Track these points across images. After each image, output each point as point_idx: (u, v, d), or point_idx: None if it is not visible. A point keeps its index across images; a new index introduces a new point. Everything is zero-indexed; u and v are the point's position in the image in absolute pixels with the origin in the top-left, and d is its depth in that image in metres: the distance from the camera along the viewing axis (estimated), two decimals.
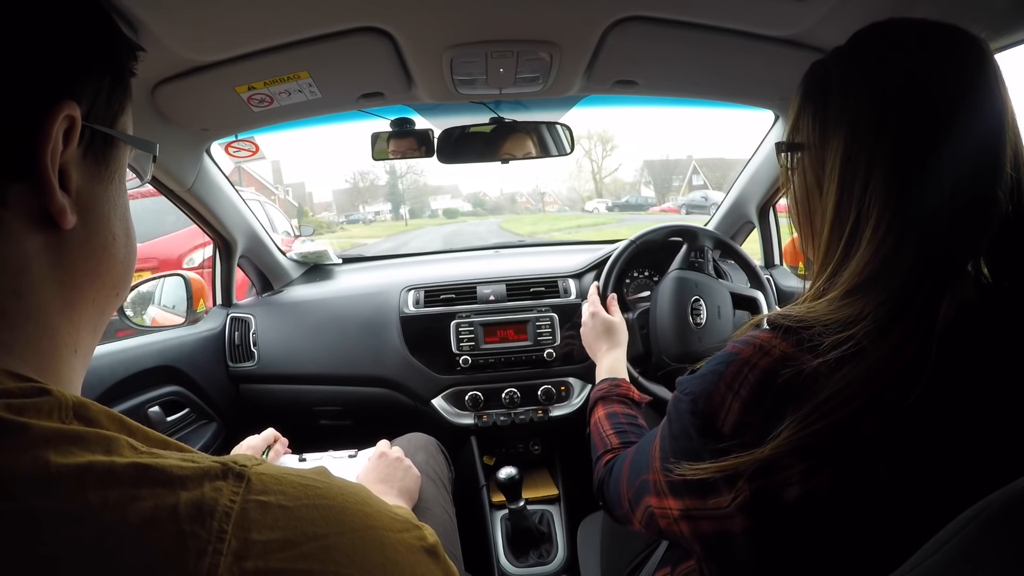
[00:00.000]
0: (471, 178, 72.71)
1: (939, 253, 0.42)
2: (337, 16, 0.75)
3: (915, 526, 0.37)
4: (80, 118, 0.30)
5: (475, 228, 24.30)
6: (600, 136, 43.83)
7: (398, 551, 0.29)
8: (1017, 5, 0.68)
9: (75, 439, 0.25)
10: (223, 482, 0.26)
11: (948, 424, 0.41)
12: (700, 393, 0.46)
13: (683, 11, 0.79)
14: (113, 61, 0.34)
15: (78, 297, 0.33)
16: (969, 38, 0.44)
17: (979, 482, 0.35)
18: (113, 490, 0.24)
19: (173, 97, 0.90)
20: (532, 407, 1.32)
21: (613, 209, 29.97)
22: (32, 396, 0.26)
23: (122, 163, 0.36)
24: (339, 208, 48.59)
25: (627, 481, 0.60)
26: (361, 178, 45.00)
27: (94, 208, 0.33)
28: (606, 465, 0.70)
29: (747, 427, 0.43)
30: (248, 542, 0.24)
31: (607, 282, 1.18)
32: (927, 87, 0.43)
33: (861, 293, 0.43)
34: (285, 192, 38.19)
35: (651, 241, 1.23)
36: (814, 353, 0.41)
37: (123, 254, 0.36)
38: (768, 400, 0.42)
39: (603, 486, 0.69)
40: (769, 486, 0.42)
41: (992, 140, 0.43)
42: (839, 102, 0.47)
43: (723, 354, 0.47)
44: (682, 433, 0.48)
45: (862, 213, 0.45)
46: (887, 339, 0.40)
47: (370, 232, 27.81)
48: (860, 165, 0.45)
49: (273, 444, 0.91)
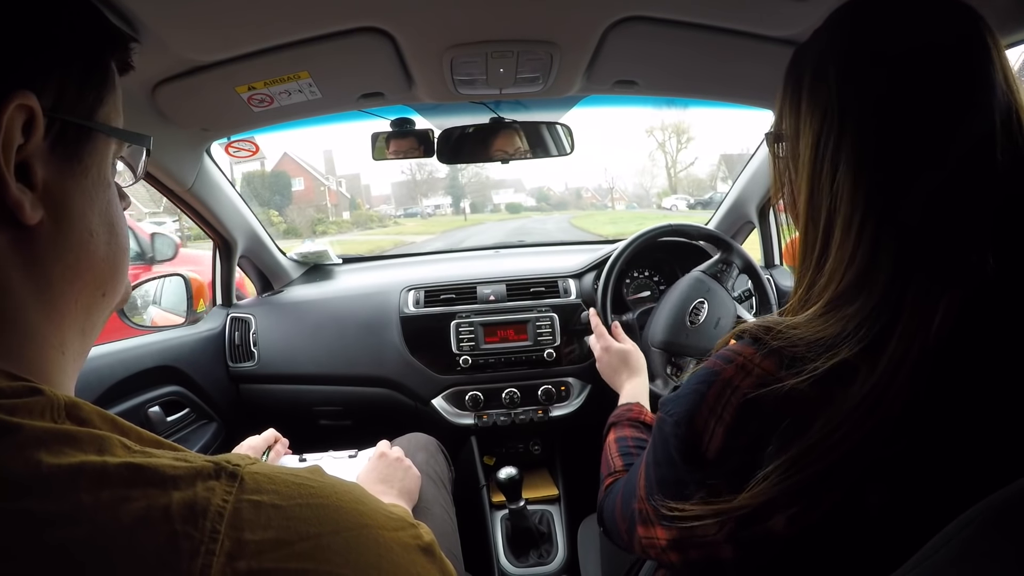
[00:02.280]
0: (535, 172, 69.90)
1: (925, 253, 0.38)
2: (337, 16, 0.75)
3: (912, 533, 0.35)
4: (41, 110, 0.29)
5: (542, 225, 21.80)
6: (675, 127, 39.49)
7: (393, 550, 0.29)
8: (1017, 5, 0.68)
9: (67, 439, 0.25)
10: (216, 482, 0.26)
11: (947, 436, 0.37)
12: (683, 415, 0.44)
13: (683, 11, 0.79)
14: (83, 50, 0.33)
15: (58, 297, 0.32)
16: (957, 10, 0.40)
17: (979, 485, 0.34)
18: (105, 490, 0.24)
19: (173, 97, 0.90)
20: (532, 407, 1.32)
21: (695, 207, 25.54)
22: (24, 396, 0.26)
23: (101, 157, 0.34)
24: (397, 201, 47.37)
25: (621, 508, 0.58)
26: (419, 170, 43.09)
27: (65, 203, 0.31)
28: (607, 488, 0.68)
29: (731, 452, 0.41)
30: (241, 542, 0.24)
31: (607, 282, 1.18)
32: (897, 66, 0.39)
33: (842, 305, 0.40)
34: (338, 183, 37.46)
35: (650, 241, 1.23)
36: (798, 376, 0.38)
37: (105, 251, 0.34)
38: (752, 425, 0.40)
39: (602, 511, 0.67)
40: (756, 520, 0.40)
41: (977, 125, 0.38)
42: (810, 86, 0.44)
43: (704, 372, 0.44)
44: (666, 460, 0.46)
45: (833, 209, 0.42)
46: (879, 359, 0.37)
47: (425, 228, 26.04)
48: (827, 154, 0.42)
49: (274, 445, 0.91)
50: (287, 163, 33.47)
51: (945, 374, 0.37)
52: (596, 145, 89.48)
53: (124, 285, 0.37)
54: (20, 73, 0.29)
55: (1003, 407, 0.37)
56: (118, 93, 0.36)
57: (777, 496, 0.38)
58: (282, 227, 23.35)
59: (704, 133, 57.14)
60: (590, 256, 1.45)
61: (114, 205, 0.35)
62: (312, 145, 60.48)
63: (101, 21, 0.34)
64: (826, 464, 0.37)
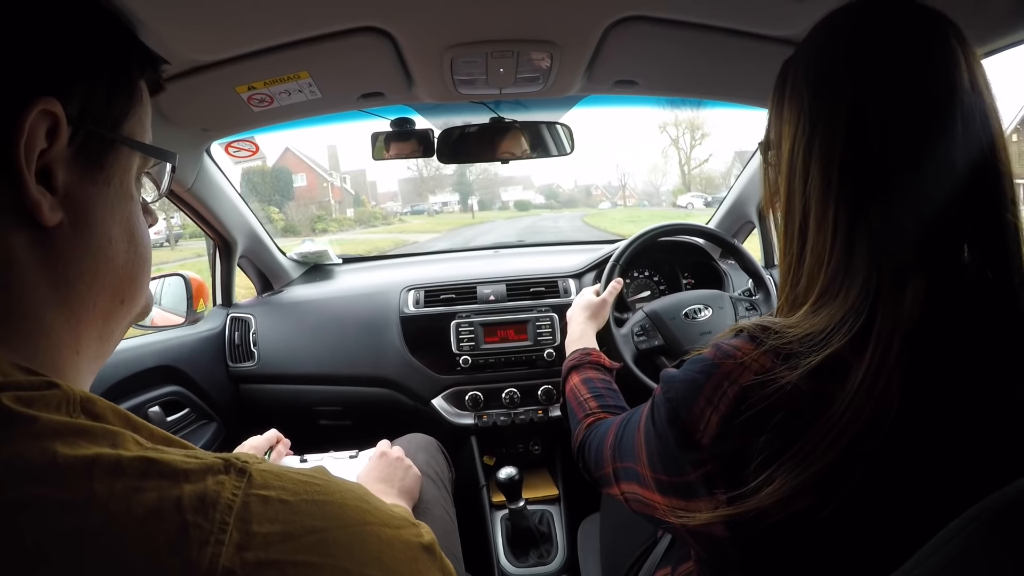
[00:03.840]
0: (544, 169, 69.54)
1: (893, 246, 0.40)
2: (337, 16, 0.75)
3: (912, 526, 0.36)
4: (65, 117, 0.30)
5: (553, 223, 21.03)
6: (689, 123, 38.35)
7: (395, 547, 0.29)
8: (1017, 5, 0.68)
9: (82, 432, 0.26)
10: (226, 476, 0.26)
11: (941, 426, 0.39)
12: (680, 402, 0.46)
13: (683, 11, 0.79)
14: (111, 65, 0.34)
15: (75, 299, 0.32)
16: (923, 17, 0.42)
17: (977, 480, 0.34)
18: (119, 481, 0.25)
19: (173, 97, 0.90)
20: (532, 407, 1.32)
21: (712, 204, 24.12)
22: (41, 389, 0.27)
23: (124, 169, 0.35)
24: (405, 198, 46.65)
25: (613, 450, 0.60)
26: (426, 166, 42.08)
27: (86, 209, 0.33)
28: (587, 427, 0.71)
29: (726, 440, 0.42)
30: (249, 534, 0.25)
31: (607, 283, 1.17)
32: (864, 72, 0.42)
33: (828, 301, 0.42)
34: (342, 179, 36.80)
35: (650, 241, 1.23)
36: (792, 368, 0.40)
37: (124, 259, 0.35)
38: (747, 415, 0.41)
39: (584, 447, 0.70)
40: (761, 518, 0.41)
41: (941, 129, 0.40)
42: (789, 94, 0.47)
43: (704, 362, 0.46)
44: (664, 436, 0.48)
45: (807, 210, 0.44)
46: (865, 351, 0.39)
47: (431, 226, 25.43)
48: (799, 158, 0.44)
49: (275, 445, 0.91)
50: (289, 159, 33.23)
51: (929, 362, 0.39)
52: (606, 142, 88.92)
53: (144, 295, 0.38)
54: (47, 80, 0.30)
55: (987, 395, 0.39)
56: (146, 110, 0.37)
57: (789, 495, 0.39)
58: (280, 224, 23.18)
59: (719, 129, 56.37)
60: (590, 256, 1.45)
61: (136, 217, 0.37)
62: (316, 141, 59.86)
63: (132, 40, 0.36)
64: (831, 458, 0.38)
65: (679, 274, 1.50)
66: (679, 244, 1.50)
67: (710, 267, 1.49)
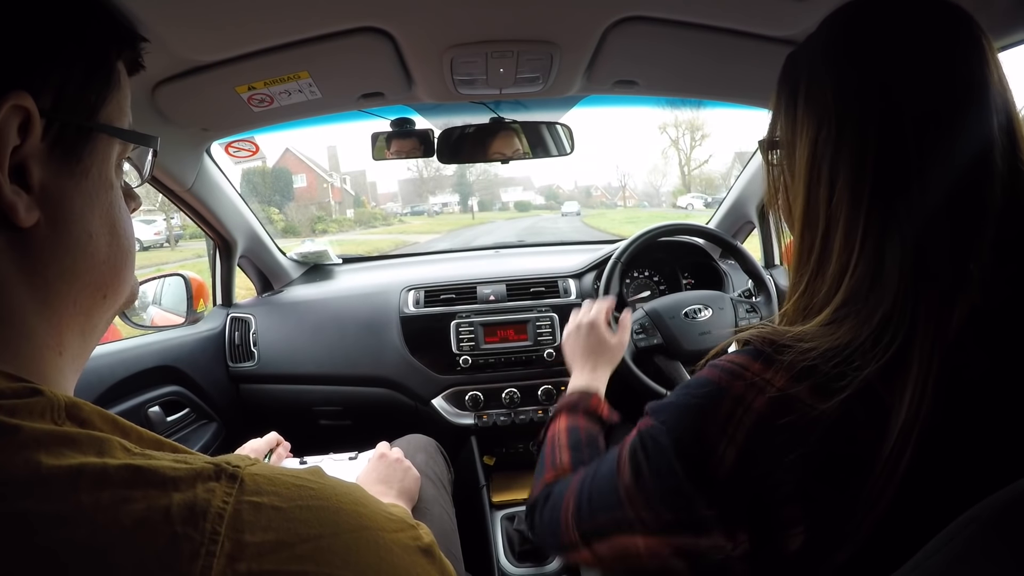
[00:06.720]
0: (544, 170, 68.86)
1: (929, 261, 0.37)
2: (337, 16, 0.75)
3: (911, 533, 0.35)
4: (38, 110, 0.28)
5: (554, 224, 20.53)
6: (689, 124, 37.83)
7: (393, 551, 0.29)
8: (1017, 5, 0.68)
9: (67, 441, 0.25)
10: (216, 483, 0.25)
11: (957, 443, 0.37)
12: (683, 431, 0.42)
13: (683, 11, 0.79)
14: (87, 50, 0.32)
15: (55, 299, 0.31)
16: (949, 12, 0.40)
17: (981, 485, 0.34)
18: (106, 492, 0.24)
19: (173, 97, 0.90)
20: (532, 407, 1.32)
21: (712, 205, 23.72)
22: (24, 397, 0.26)
23: (102, 157, 0.33)
24: (405, 199, 46.51)
25: (578, 513, 0.53)
26: (426, 167, 41.77)
27: (64, 205, 0.31)
28: (544, 486, 0.61)
29: (745, 478, 0.39)
30: (241, 544, 0.24)
31: (608, 283, 1.18)
32: (893, 72, 0.39)
33: (850, 313, 0.39)
34: (342, 180, 36.67)
35: (650, 241, 1.23)
36: (812, 389, 0.37)
37: (106, 253, 0.33)
38: (769, 451, 0.38)
39: (535, 511, 0.60)
40: (770, 540, 0.38)
41: (976, 127, 0.38)
42: (806, 92, 0.44)
43: (705, 384, 0.42)
44: (667, 471, 0.43)
45: (831, 217, 0.41)
46: (905, 382, 0.36)
47: (431, 226, 25.33)
48: (824, 164, 0.41)
49: (276, 448, 0.91)
50: (289, 159, 33.12)
51: (965, 382, 0.36)
52: (605, 143, 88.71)
53: (127, 287, 0.36)
54: (16, 74, 0.28)
55: (1010, 410, 0.37)
56: (124, 93, 0.35)
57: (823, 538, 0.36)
58: (280, 225, 23.15)
59: (719, 130, 55.82)
60: (590, 256, 1.45)
61: (116, 207, 0.35)
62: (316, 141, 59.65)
63: (108, 20, 0.34)
64: (886, 500, 0.36)
65: (679, 274, 1.50)
66: (679, 244, 1.50)
67: (710, 267, 1.49)
